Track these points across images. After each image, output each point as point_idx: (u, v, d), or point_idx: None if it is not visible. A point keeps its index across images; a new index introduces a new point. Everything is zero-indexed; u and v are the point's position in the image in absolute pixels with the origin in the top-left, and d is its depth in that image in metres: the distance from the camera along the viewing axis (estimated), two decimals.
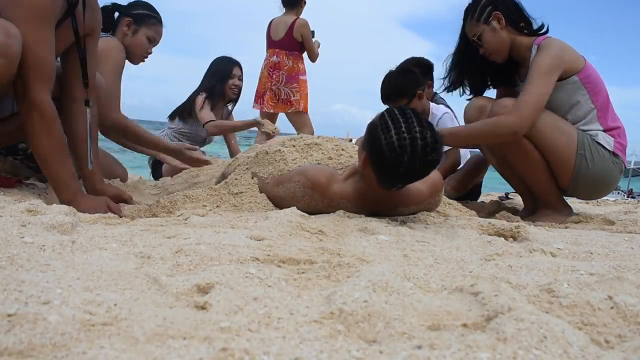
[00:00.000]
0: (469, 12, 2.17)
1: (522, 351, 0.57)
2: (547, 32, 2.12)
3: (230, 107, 3.89)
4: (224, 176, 2.01)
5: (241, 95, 3.84)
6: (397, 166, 1.38)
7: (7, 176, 1.78)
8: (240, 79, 3.77)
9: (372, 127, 1.46)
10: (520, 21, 2.11)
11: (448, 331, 0.67)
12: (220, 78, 3.68)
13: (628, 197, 18.67)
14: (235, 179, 1.82)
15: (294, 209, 1.51)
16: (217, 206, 1.67)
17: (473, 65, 2.26)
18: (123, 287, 0.77)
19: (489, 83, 2.35)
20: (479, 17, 2.11)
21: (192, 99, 3.65)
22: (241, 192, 1.74)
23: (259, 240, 1.14)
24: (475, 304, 0.75)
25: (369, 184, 1.53)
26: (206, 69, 3.82)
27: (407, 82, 2.68)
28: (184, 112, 3.65)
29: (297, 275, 0.89)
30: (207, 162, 2.65)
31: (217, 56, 3.95)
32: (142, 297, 0.73)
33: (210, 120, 3.53)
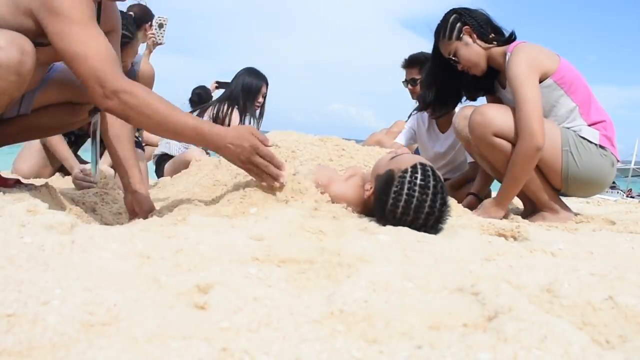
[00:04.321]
0: (439, 32, 2.20)
1: (523, 351, 0.57)
2: (515, 38, 2.15)
3: (255, 123, 3.94)
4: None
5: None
6: (395, 221, 1.38)
7: (5, 177, 1.78)
8: (264, 96, 3.85)
9: (390, 174, 1.43)
10: (489, 33, 2.14)
11: (448, 331, 0.67)
12: (249, 95, 3.76)
13: (627, 197, 18.68)
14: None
15: (294, 208, 1.51)
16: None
17: (448, 82, 2.30)
18: (123, 287, 0.77)
19: (466, 96, 2.39)
20: (450, 35, 2.15)
21: (225, 112, 3.67)
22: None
23: (259, 240, 1.13)
24: (475, 304, 0.75)
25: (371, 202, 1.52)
26: (234, 75, 3.89)
27: None
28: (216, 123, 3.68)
29: (297, 275, 0.89)
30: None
31: (244, 66, 4.03)
32: (141, 297, 0.73)
33: None
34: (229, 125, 3.64)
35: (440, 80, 2.31)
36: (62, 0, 1.31)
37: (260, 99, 3.85)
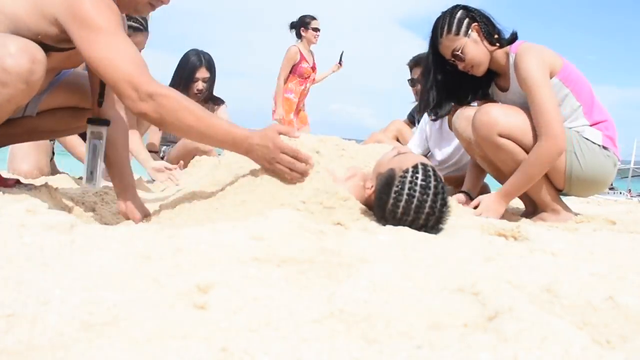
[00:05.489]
0: (442, 28, 2.10)
1: (523, 351, 0.57)
2: (517, 38, 2.12)
3: (217, 108, 3.51)
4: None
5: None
6: (395, 221, 1.38)
7: (5, 177, 1.78)
8: (206, 81, 3.32)
9: (391, 174, 1.42)
10: (493, 33, 2.10)
11: (448, 331, 0.66)
12: (183, 82, 3.30)
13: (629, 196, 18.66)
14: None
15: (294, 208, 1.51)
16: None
17: (447, 83, 2.21)
18: (122, 287, 0.77)
19: (460, 100, 2.32)
20: (457, 31, 2.07)
21: None
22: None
23: (259, 240, 1.13)
24: (475, 304, 0.74)
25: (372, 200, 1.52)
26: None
27: None
28: None
29: (297, 275, 0.89)
30: None
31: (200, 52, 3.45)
32: (141, 297, 0.73)
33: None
34: None
35: (440, 81, 2.21)
36: (88, 10, 1.33)
37: (200, 86, 3.28)
